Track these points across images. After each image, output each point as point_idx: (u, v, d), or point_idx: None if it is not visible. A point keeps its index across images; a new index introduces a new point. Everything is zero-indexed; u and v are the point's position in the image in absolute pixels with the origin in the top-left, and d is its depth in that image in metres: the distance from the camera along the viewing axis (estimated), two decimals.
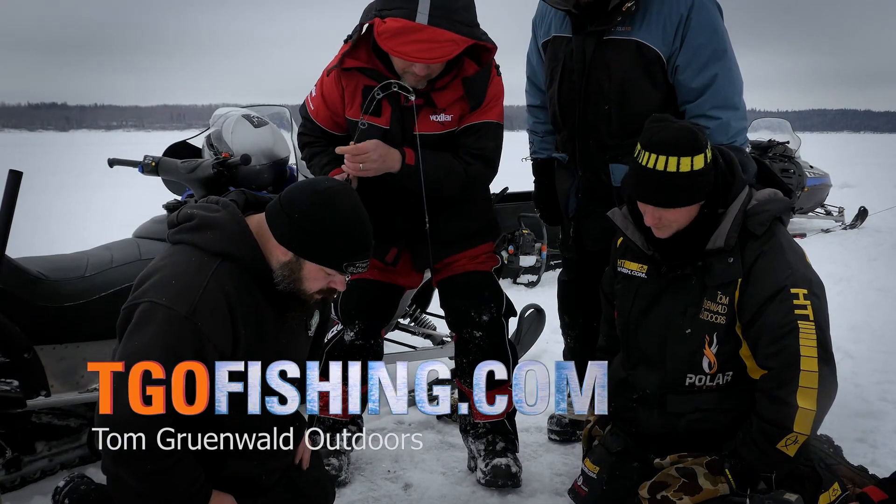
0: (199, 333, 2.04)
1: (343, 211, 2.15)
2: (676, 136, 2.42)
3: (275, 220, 2.17)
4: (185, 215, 2.22)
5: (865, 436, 3.37)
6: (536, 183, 3.52)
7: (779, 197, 2.57)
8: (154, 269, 2.15)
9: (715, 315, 2.53)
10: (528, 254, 6.85)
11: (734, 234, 2.48)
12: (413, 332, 4.59)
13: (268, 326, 2.19)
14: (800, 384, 2.35)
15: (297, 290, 2.19)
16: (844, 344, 4.63)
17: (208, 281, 2.08)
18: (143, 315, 2.05)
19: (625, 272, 2.74)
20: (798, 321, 2.38)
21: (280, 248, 2.16)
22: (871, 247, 8.62)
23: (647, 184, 2.46)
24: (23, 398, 2.72)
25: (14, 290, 2.81)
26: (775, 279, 2.43)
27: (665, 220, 2.50)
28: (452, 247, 3.03)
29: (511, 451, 3.10)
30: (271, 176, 3.63)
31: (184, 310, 2.03)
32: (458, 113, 2.91)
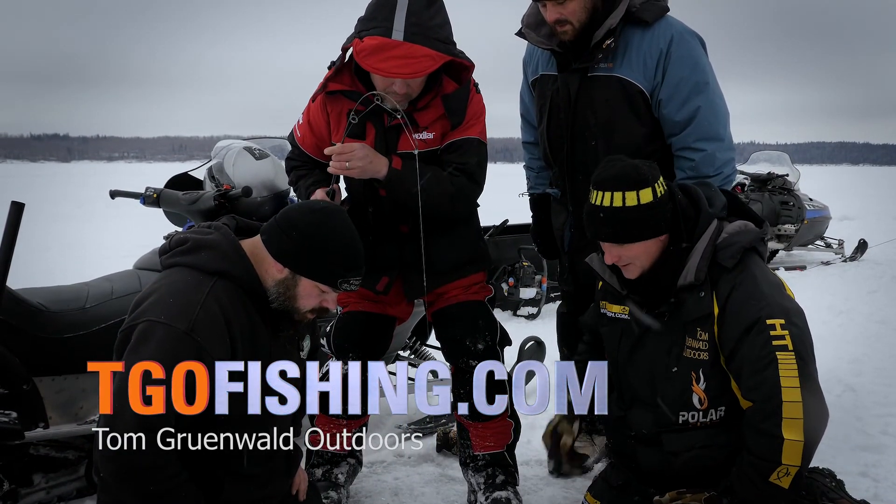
0: (199, 348, 2.07)
1: (337, 229, 2.25)
2: (620, 173, 2.46)
3: (271, 239, 2.24)
4: (178, 240, 2.28)
5: (868, 469, 3.35)
6: (534, 218, 3.56)
7: (749, 228, 2.56)
8: (150, 292, 2.18)
9: (697, 352, 2.53)
10: (528, 286, 6.85)
11: (703, 268, 2.48)
12: (413, 364, 4.58)
13: (262, 344, 2.23)
14: (784, 416, 2.34)
15: (290, 307, 2.25)
16: (846, 377, 4.62)
17: (206, 297, 2.12)
18: (141, 334, 2.08)
19: (609, 315, 2.75)
20: (776, 352, 2.37)
21: (276, 266, 2.22)
22: (871, 279, 8.62)
23: (597, 221, 2.50)
24: (21, 430, 2.71)
25: (14, 320, 2.81)
26: (750, 311, 2.42)
27: (625, 258, 2.51)
28: (445, 276, 3.03)
29: (511, 485, 3.08)
30: (272, 208, 3.64)
31: (183, 326, 2.06)
32: (440, 131, 2.94)
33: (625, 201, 2.42)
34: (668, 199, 2.48)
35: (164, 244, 2.33)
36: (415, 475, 3.51)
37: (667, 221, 2.48)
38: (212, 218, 3.30)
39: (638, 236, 2.47)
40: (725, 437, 2.55)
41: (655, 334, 2.60)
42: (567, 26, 2.97)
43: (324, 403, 3.12)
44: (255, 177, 3.50)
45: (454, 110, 2.90)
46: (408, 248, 2.97)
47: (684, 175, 2.98)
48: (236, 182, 3.47)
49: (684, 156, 3.00)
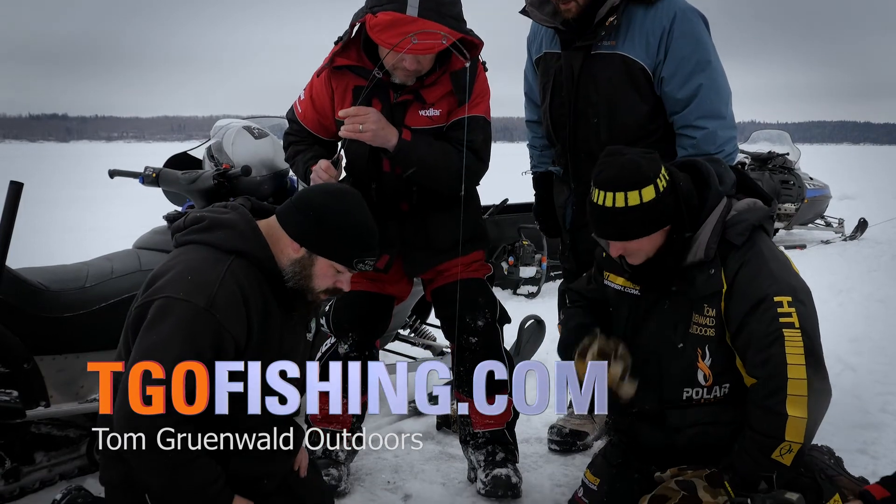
0: (218, 325, 2.08)
1: (354, 209, 2.27)
2: (621, 172, 2.42)
3: (288, 219, 2.26)
4: (194, 218, 2.28)
5: (866, 447, 3.37)
6: (536, 196, 3.56)
7: (758, 206, 2.55)
8: (166, 269, 2.19)
9: (704, 328, 2.52)
10: (528, 265, 6.86)
11: (713, 246, 2.47)
12: (413, 342, 4.59)
13: (274, 324, 2.25)
14: (788, 392, 2.34)
15: (305, 287, 2.26)
16: (845, 355, 4.64)
17: (224, 275, 2.14)
18: (160, 310, 2.08)
19: (614, 287, 2.74)
20: (783, 329, 2.36)
21: (292, 245, 2.24)
22: (871, 258, 8.63)
23: (601, 221, 2.47)
24: (22, 409, 2.72)
25: (14, 300, 2.81)
26: (758, 289, 2.42)
27: (630, 250, 2.50)
28: (445, 254, 3.04)
29: (511, 462, 3.10)
30: (271, 187, 3.64)
31: (202, 302, 2.08)
32: (447, 108, 2.94)
33: (627, 201, 2.39)
34: (670, 190, 2.45)
35: (178, 222, 2.33)
36: (415, 453, 3.53)
37: (670, 213, 2.46)
38: (211, 197, 3.31)
39: (643, 232, 2.44)
40: (729, 413, 2.55)
41: (661, 311, 2.60)
42: (571, 4, 2.95)
43: None
44: (254, 156, 3.50)
45: (462, 87, 2.90)
46: (408, 226, 2.98)
47: (686, 153, 2.97)
48: (235, 161, 3.47)
49: (686, 134, 2.99)
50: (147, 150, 14.49)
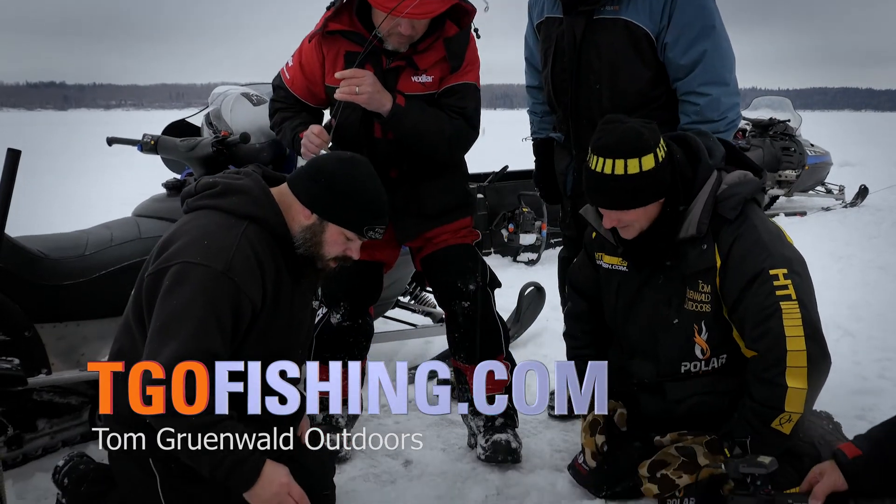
0: (237, 288, 2.11)
1: (365, 177, 2.30)
2: (622, 139, 2.40)
3: (300, 185, 2.29)
4: (206, 184, 2.30)
5: (864, 413, 3.38)
6: (536, 162, 3.54)
7: (749, 178, 2.54)
8: (178, 234, 2.20)
9: (699, 304, 2.52)
10: (528, 232, 6.85)
11: (705, 221, 2.46)
12: (413, 309, 4.60)
13: (285, 290, 2.27)
14: (788, 364, 2.35)
15: (315, 254, 2.28)
16: (844, 322, 4.65)
17: (240, 239, 2.16)
18: (177, 275, 2.10)
19: (605, 266, 2.74)
20: (780, 302, 2.36)
21: (304, 212, 2.27)
22: (871, 225, 8.61)
23: (599, 188, 2.45)
24: (24, 376, 2.73)
25: (14, 268, 2.81)
26: (753, 263, 2.42)
27: (624, 221, 2.48)
28: (434, 220, 3.04)
29: (511, 427, 3.11)
30: (270, 154, 3.62)
31: (220, 266, 2.10)
32: (439, 74, 2.92)
33: (626, 169, 2.38)
34: (668, 162, 2.45)
35: (189, 187, 2.35)
36: (415, 419, 3.54)
37: (667, 184, 2.45)
38: (210, 164, 3.30)
39: (641, 202, 2.44)
40: (727, 382, 2.56)
41: (654, 287, 2.60)
42: None
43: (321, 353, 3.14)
44: (252, 123, 3.48)
45: (455, 54, 2.89)
46: (398, 193, 2.98)
47: (689, 120, 2.96)
48: (234, 128, 3.45)
49: (689, 100, 2.97)
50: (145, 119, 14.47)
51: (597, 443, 2.74)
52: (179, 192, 3.38)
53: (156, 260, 2.18)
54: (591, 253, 2.81)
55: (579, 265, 2.92)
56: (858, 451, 1.83)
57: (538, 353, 4.34)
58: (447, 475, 2.99)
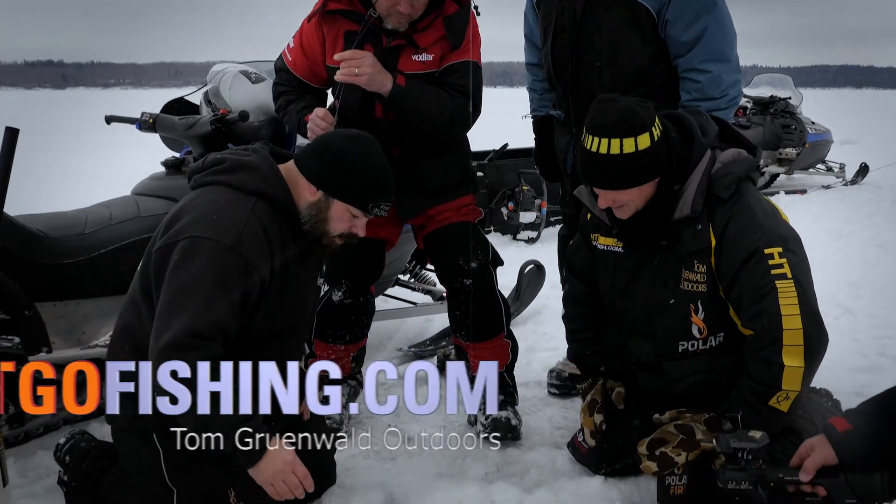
0: (246, 263, 2.12)
1: (371, 154, 2.33)
2: (618, 118, 2.37)
3: (305, 162, 2.31)
4: (214, 160, 2.33)
5: (863, 390, 3.38)
6: (536, 140, 3.53)
7: (743, 157, 2.52)
8: (187, 209, 2.21)
9: (695, 284, 2.51)
10: (527, 210, 6.84)
11: (700, 201, 2.44)
12: (413, 287, 4.61)
13: (292, 268, 2.28)
14: (784, 343, 2.34)
15: (321, 230, 2.30)
16: (844, 299, 4.65)
17: (249, 214, 2.17)
18: (187, 250, 2.11)
19: (601, 248, 2.73)
20: (775, 281, 2.35)
21: (309, 189, 2.29)
22: (871, 203, 8.60)
23: (594, 168, 2.42)
24: (24, 354, 2.73)
25: (13, 247, 2.81)
26: (747, 242, 2.40)
27: (619, 202, 2.46)
28: (436, 198, 3.03)
29: (511, 405, 3.13)
30: (269, 132, 3.60)
31: (230, 240, 2.11)
32: (439, 53, 2.90)
33: (622, 148, 2.35)
34: (663, 141, 2.42)
35: (197, 164, 2.36)
36: None
37: (662, 163, 2.43)
38: (209, 142, 3.29)
39: (636, 181, 2.41)
40: (725, 360, 2.56)
41: (650, 268, 2.59)
42: None
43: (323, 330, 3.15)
44: (251, 101, 3.46)
45: (454, 32, 2.87)
46: (400, 171, 2.96)
47: (689, 97, 2.94)
48: (233, 106, 3.44)
49: (690, 77, 2.95)
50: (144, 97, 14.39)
51: (595, 422, 2.75)
52: (178, 170, 3.39)
53: (164, 234, 2.19)
54: (586, 234, 2.81)
55: (575, 247, 2.92)
56: (849, 425, 1.83)
57: (538, 331, 4.35)
58: (447, 452, 2.99)
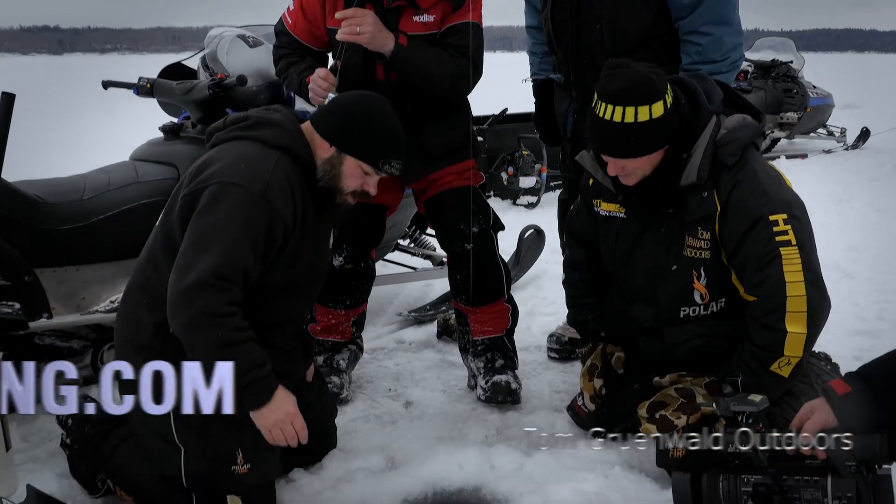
0: (272, 211, 2.17)
1: (382, 112, 2.38)
2: (632, 85, 2.32)
3: (320, 119, 2.37)
4: (237, 117, 2.37)
5: (862, 354, 3.38)
6: (536, 104, 3.51)
7: (748, 122, 2.49)
8: (214, 158, 2.26)
9: (699, 251, 2.50)
10: (527, 175, 6.82)
11: (706, 168, 2.41)
12: (413, 252, 4.60)
13: (311, 223, 2.32)
14: (787, 310, 2.34)
15: (334, 187, 2.34)
16: (844, 264, 4.66)
17: (275, 166, 2.22)
18: (214, 195, 2.14)
19: (603, 213, 2.71)
20: (780, 248, 2.34)
21: (323, 145, 2.32)
22: (872, 167, 8.58)
23: (606, 136, 2.38)
24: (24, 320, 2.73)
25: (12, 213, 2.80)
26: (752, 209, 2.39)
27: (628, 170, 2.43)
28: (437, 162, 3.02)
29: (511, 369, 3.14)
30: (268, 97, 3.58)
31: (257, 187, 2.16)
32: (441, 14, 2.87)
33: (637, 116, 2.31)
34: (675, 108, 2.39)
35: (217, 122, 2.40)
36: (415, 361, 3.57)
37: (673, 131, 2.39)
38: (207, 107, 3.27)
39: (648, 150, 2.38)
40: (726, 325, 2.56)
41: (653, 234, 2.57)
42: None
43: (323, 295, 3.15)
44: (249, 65, 3.44)
45: None
46: None
47: (690, 60, 2.92)
48: (230, 71, 3.41)
49: (691, 40, 2.92)
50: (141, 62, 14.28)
51: (595, 387, 2.77)
52: (176, 135, 3.37)
53: (190, 182, 2.22)
54: (587, 200, 2.79)
55: (576, 212, 2.90)
56: (849, 388, 1.84)
57: (538, 296, 4.36)
58: (447, 416, 3.02)
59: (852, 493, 1.74)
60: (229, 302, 2.10)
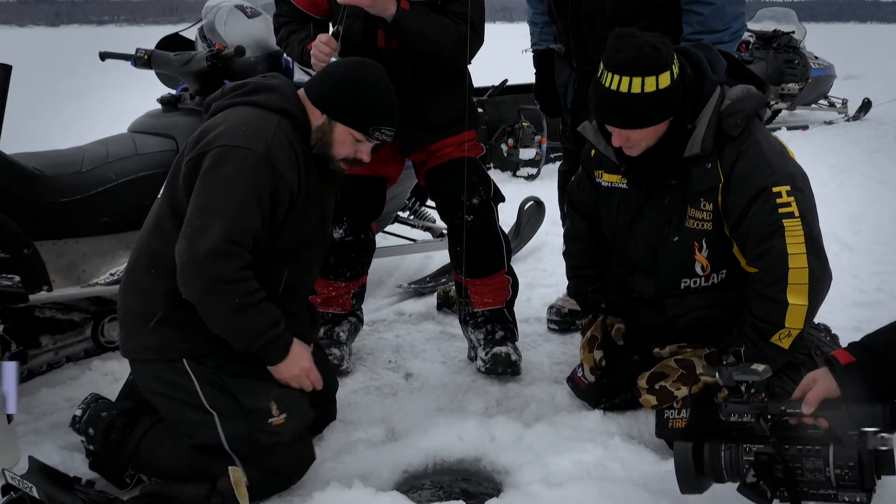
0: (276, 171, 2.20)
1: (373, 79, 2.37)
2: (640, 55, 2.29)
3: (311, 87, 2.37)
4: (236, 85, 2.40)
5: (862, 325, 3.40)
6: (536, 75, 3.48)
7: (752, 93, 2.47)
8: (215, 124, 2.28)
9: (701, 222, 2.49)
10: (527, 146, 6.79)
11: (710, 139, 2.39)
12: (413, 224, 4.60)
13: (314, 184, 2.35)
14: (789, 282, 2.34)
15: (327, 154, 2.35)
16: (844, 235, 4.66)
17: (276, 127, 2.25)
18: (218, 157, 2.17)
19: (604, 184, 2.70)
20: (783, 220, 2.34)
21: (315, 112, 2.34)
22: (873, 139, 8.56)
23: (612, 106, 2.36)
24: (25, 293, 2.73)
25: (10, 186, 2.79)
26: (756, 180, 2.37)
27: (632, 140, 2.41)
28: (437, 133, 3.01)
29: (511, 340, 3.14)
30: (266, 68, 3.55)
31: (260, 148, 2.19)
32: None
33: (643, 87, 2.28)
34: (681, 79, 2.36)
35: (216, 92, 2.43)
36: (415, 333, 3.58)
37: (679, 102, 2.37)
38: (205, 79, 3.25)
39: (653, 121, 2.36)
40: (727, 297, 2.56)
41: (655, 205, 2.56)
42: None
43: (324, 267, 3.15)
44: (247, 35, 3.42)
45: None
46: (402, 105, 2.93)
47: (692, 30, 2.89)
48: (228, 42, 3.39)
49: (693, 9, 2.90)
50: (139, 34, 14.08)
51: (595, 358, 2.77)
52: (175, 107, 3.35)
53: (192, 149, 2.24)
54: (589, 171, 2.78)
55: (577, 183, 2.89)
56: (852, 357, 1.84)
57: (538, 268, 4.36)
58: (447, 387, 3.03)
59: (854, 463, 1.75)
60: (241, 266, 2.16)
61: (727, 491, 1.96)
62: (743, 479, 1.87)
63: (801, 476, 1.80)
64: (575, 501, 2.17)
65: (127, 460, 2.35)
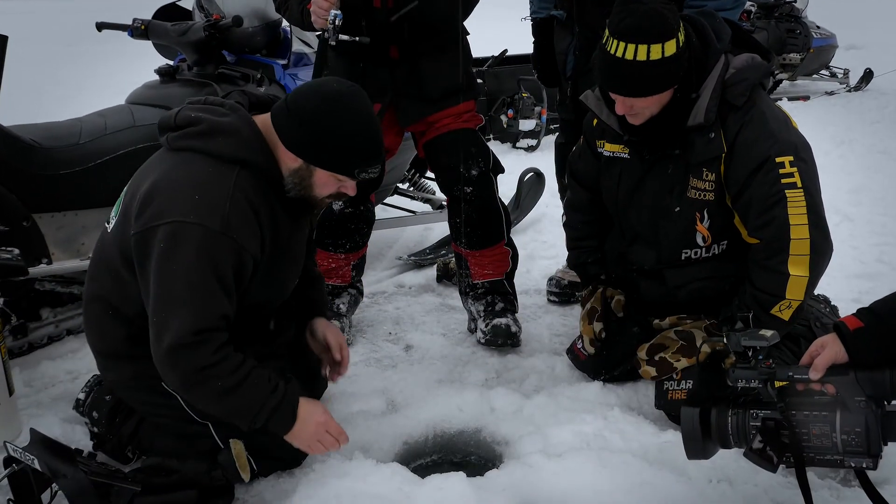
0: (236, 246, 2.00)
1: (352, 115, 2.07)
2: (646, 22, 2.26)
3: (283, 127, 2.09)
4: (187, 118, 2.11)
5: (861, 296, 3.40)
6: (535, 43, 3.45)
7: (756, 62, 2.44)
8: (162, 182, 2.04)
9: (703, 192, 2.48)
10: (527, 117, 6.75)
11: (713, 108, 2.38)
12: (412, 196, 4.59)
13: (284, 233, 2.17)
14: (791, 252, 2.33)
15: (307, 196, 2.15)
16: (844, 206, 4.64)
17: (232, 190, 2.01)
18: (172, 238, 1.97)
19: (606, 154, 2.68)
20: (785, 190, 2.32)
21: (289, 155, 2.09)
22: (874, 110, 8.50)
23: (617, 74, 2.33)
24: (24, 266, 2.73)
25: (8, 158, 2.78)
26: (759, 150, 2.36)
27: (637, 108, 2.39)
28: (436, 104, 2.99)
29: (510, 312, 3.14)
30: (264, 38, 3.54)
31: (217, 225, 1.97)
32: None
33: (649, 54, 2.25)
34: (686, 47, 2.34)
35: (167, 119, 2.15)
36: (415, 305, 3.58)
37: (684, 70, 2.34)
38: (202, 49, 3.23)
39: (659, 89, 2.34)
40: (727, 268, 2.56)
41: (657, 175, 2.55)
42: None
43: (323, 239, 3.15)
44: (245, 5, 3.39)
45: None
46: (400, 74, 2.91)
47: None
48: (226, 11, 3.36)
49: None
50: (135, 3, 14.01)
51: (595, 330, 2.77)
52: (172, 78, 3.34)
53: (140, 215, 2.02)
54: (591, 140, 2.76)
55: (579, 153, 2.87)
56: (860, 323, 1.83)
57: (538, 239, 4.35)
58: (447, 359, 3.03)
59: (861, 429, 1.75)
60: (215, 350, 1.99)
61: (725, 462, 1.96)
62: (749, 444, 1.87)
63: (808, 441, 1.80)
64: (574, 472, 2.18)
65: (127, 441, 2.34)
